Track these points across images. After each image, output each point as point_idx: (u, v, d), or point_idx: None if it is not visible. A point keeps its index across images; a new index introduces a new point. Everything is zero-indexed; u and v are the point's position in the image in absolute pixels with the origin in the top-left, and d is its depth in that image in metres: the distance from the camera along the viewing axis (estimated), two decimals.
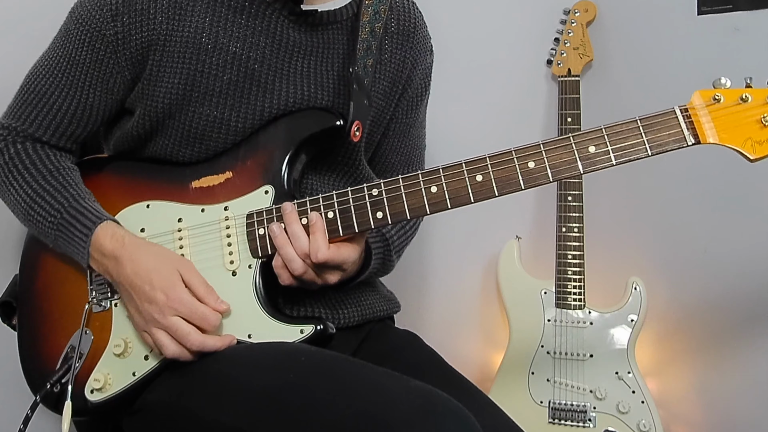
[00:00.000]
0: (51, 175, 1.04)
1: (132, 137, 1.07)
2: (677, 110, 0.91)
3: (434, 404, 0.80)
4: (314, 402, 0.82)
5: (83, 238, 0.98)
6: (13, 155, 1.05)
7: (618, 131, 0.91)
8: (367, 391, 0.82)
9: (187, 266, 0.97)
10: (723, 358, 1.58)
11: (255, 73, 1.02)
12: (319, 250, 0.94)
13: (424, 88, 1.22)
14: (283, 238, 0.96)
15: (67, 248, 1.00)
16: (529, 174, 0.92)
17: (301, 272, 0.95)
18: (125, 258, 0.95)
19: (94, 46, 1.01)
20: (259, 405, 0.86)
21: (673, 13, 1.60)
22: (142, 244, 0.98)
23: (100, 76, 1.03)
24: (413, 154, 1.25)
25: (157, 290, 0.93)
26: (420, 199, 0.94)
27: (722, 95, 0.90)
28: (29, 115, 1.06)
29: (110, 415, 1.02)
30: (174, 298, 0.93)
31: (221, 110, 1.02)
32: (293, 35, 1.05)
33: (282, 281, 0.97)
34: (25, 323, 1.09)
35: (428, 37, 1.20)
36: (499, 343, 1.74)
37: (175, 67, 1.00)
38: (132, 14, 0.99)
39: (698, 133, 0.89)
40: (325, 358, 0.90)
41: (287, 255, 0.95)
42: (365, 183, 1.13)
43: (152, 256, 0.97)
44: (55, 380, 1.00)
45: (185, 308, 0.93)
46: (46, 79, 1.05)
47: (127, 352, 0.99)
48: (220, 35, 1.01)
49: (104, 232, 0.97)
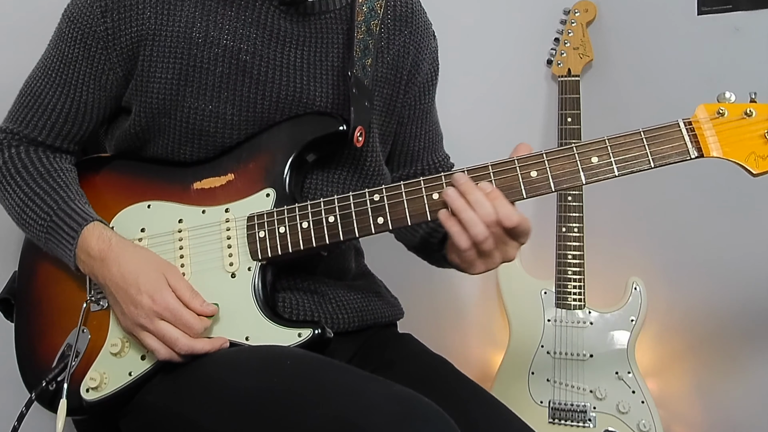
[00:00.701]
0: (42, 177, 1.03)
1: (131, 136, 1.07)
2: (681, 123, 0.90)
3: (413, 410, 0.79)
4: (294, 406, 0.82)
5: (70, 240, 0.97)
6: (7, 159, 1.05)
7: (621, 143, 0.91)
8: (347, 395, 0.82)
9: (173, 271, 0.97)
10: (723, 358, 1.59)
11: (247, 66, 1.02)
12: (512, 214, 0.89)
13: (434, 72, 1.20)
14: (461, 202, 0.90)
15: (57, 251, 1.00)
16: (532, 183, 0.92)
17: (483, 237, 0.90)
18: (111, 259, 0.95)
19: (86, 43, 1.01)
20: (242, 409, 0.85)
21: (673, 13, 1.60)
22: (129, 246, 0.98)
23: (93, 74, 1.03)
24: (435, 140, 1.24)
25: (143, 294, 0.93)
26: (422, 205, 0.94)
27: (726, 109, 0.89)
28: (26, 117, 1.06)
29: (106, 414, 1.02)
30: (160, 302, 0.92)
31: (216, 104, 1.02)
32: (285, 25, 1.04)
33: (461, 245, 0.91)
34: (22, 320, 1.09)
35: (428, 22, 1.19)
36: (499, 343, 1.74)
37: (167, 62, 1.01)
38: (121, 10, 0.99)
39: (702, 147, 0.89)
40: (310, 361, 0.89)
41: (469, 219, 0.89)
42: (372, 181, 1.14)
43: (138, 258, 0.96)
44: (51, 378, 0.99)
45: (170, 314, 0.93)
46: (41, 80, 1.05)
47: (123, 352, 0.99)
48: (211, 28, 1.01)
49: (90, 233, 0.97)
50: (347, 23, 1.08)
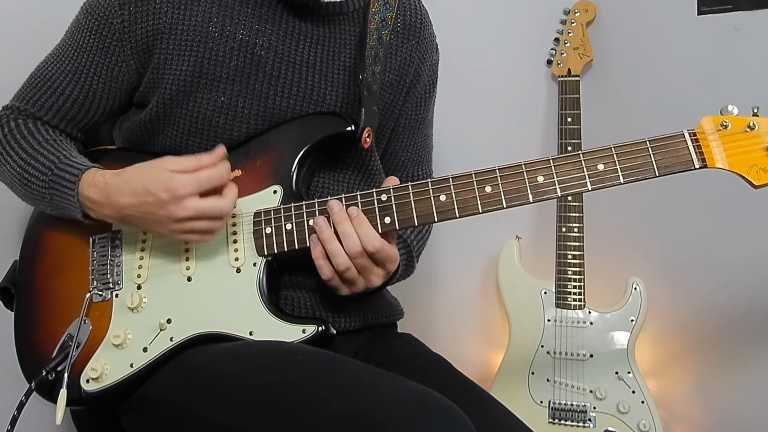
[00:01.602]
0: (46, 141, 1.05)
1: (140, 127, 1.08)
2: (686, 134, 0.94)
3: (428, 404, 0.80)
4: (308, 401, 0.82)
5: (72, 188, 0.98)
6: (12, 128, 1.07)
7: (627, 151, 0.94)
8: (361, 390, 0.82)
9: (167, 160, 0.95)
10: (723, 358, 1.59)
11: (261, 60, 1.04)
12: (374, 239, 0.94)
13: (432, 85, 1.22)
14: (329, 232, 0.96)
15: (63, 204, 1.01)
16: (538, 188, 0.94)
17: (344, 268, 0.95)
18: (112, 190, 0.96)
19: (101, 34, 1.04)
20: (254, 403, 0.86)
21: (673, 13, 1.60)
22: (121, 171, 0.98)
23: (106, 64, 1.05)
24: (422, 153, 1.26)
25: (158, 194, 0.92)
26: (429, 206, 0.96)
27: (730, 122, 0.93)
28: (33, 96, 1.08)
29: (105, 406, 1.02)
30: (177, 189, 0.92)
31: (228, 96, 1.03)
32: (299, 24, 1.07)
33: (323, 274, 0.97)
34: (22, 310, 1.09)
35: (434, 35, 1.22)
36: (499, 343, 1.74)
37: (182, 54, 1.02)
38: (138, 3, 1.02)
39: (706, 158, 0.93)
40: (321, 357, 0.90)
41: (333, 249, 0.95)
42: (375, 182, 1.15)
43: (135, 171, 0.96)
44: (51, 368, 1.00)
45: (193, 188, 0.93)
46: (54, 65, 1.08)
47: (126, 344, 1.00)
48: (227, 23, 1.03)
49: (86, 181, 0.98)
50: (360, 27, 1.10)
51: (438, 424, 0.78)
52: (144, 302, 1.01)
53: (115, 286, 1.03)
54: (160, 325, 0.99)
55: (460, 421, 0.80)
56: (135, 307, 1.01)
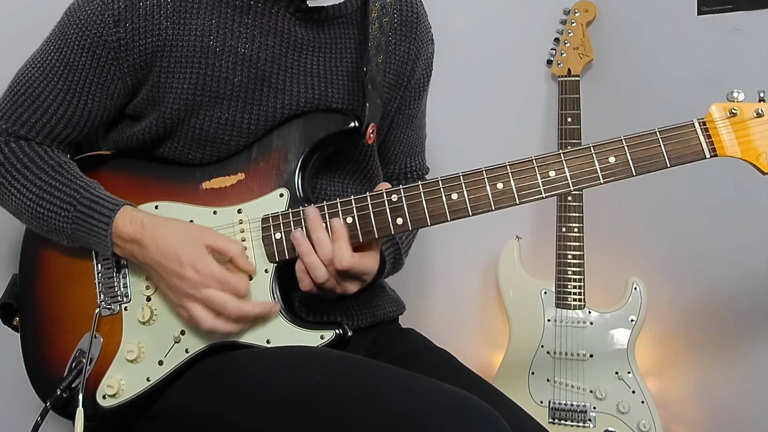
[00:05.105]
0: (53, 170, 1.01)
1: (138, 141, 1.05)
2: (696, 123, 0.92)
3: (466, 406, 0.80)
4: (343, 404, 0.82)
5: (104, 227, 0.95)
6: (9, 155, 1.02)
7: (637, 142, 0.92)
8: (398, 393, 0.82)
9: (210, 234, 0.95)
10: (723, 358, 1.59)
11: (266, 74, 1.01)
12: (343, 258, 0.93)
13: (427, 78, 1.21)
14: (306, 246, 0.94)
15: (87, 240, 0.98)
16: (550, 183, 0.93)
17: (323, 280, 0.94)
18: (147, 239, 0.94)
19: (95, 52, 0.98)
20: (288, 407, 0.85)
21: (673, 13, 1.60)
22: (161, 221, 0.96)
23: (101, 83, 1.00)
24: (415, 145, 1.24)
25: (186, 267, 0.92)
26: (440, 205, 0.94)
27: (738, 109, 0.91)
28: (20, 116, 1.02)
29: (122, 420, 1.01)
30: (204, 271, 0.92)
31: (233, 113, 1.00)
32: (301, 32, 1.03)
33: (303, 287, 0.96)
34: (28, 326, 1.07)
35: (429, 26, 1.20)
36: (499, 343, 1.74)
37: (184, 71, 0.99)
38: (135, 20, 0.96)
39: (716, 147, 0.91)
40: (351, 361, 0.90)
41: (311, 263, 0.94)
42: (375, 179, 1.14)
43: (174, 231, 0.95)
44: (66, 386, 0.98)
45: (216, 281, 0.92)
46: (40, 81, 1.01)
47: (140, 358, 0.98)
48: (228, 36, 0.99)
49: (123, 218, 0.95)
50: (359, 26, 1.08)
51: (477, 426, 0.78)
52: (155, 315, 0.99)
53: (124, 298, 1.01)
54: (174, 337, 0.98)
55: (498, 423, 0.81)
56: (146, 321, 0.99)
